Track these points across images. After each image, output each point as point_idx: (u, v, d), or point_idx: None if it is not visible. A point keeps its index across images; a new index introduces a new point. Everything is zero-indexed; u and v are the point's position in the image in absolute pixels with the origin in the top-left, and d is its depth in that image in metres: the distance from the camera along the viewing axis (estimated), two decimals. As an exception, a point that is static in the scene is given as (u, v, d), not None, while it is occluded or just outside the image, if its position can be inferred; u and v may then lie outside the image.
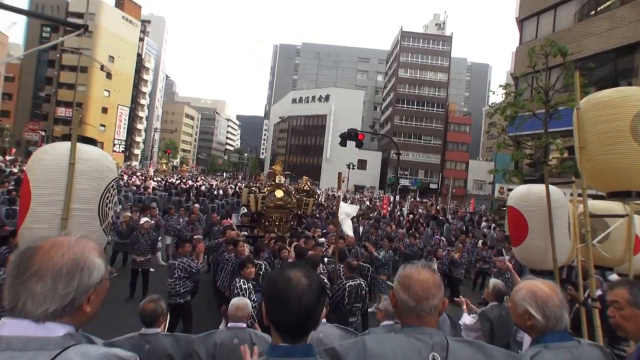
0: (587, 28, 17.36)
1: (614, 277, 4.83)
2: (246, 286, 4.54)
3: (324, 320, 3.36)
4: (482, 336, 3.49)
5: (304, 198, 8.83)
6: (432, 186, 57.23)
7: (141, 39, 65.13)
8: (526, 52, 14.94)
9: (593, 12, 17.74)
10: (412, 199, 41.60)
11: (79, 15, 53.08)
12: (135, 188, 18.32)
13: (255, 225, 8.85)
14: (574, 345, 1.58)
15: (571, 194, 3.90)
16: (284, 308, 1.19)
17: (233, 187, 28.61)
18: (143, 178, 27.47)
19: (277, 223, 8.16)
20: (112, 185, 2.59)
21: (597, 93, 3.14)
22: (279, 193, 8.19)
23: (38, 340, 0.93)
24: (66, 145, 2.39)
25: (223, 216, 10.78)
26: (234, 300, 3.21)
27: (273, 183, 8.56)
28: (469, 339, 1.59)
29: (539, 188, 3.40)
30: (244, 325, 3.05)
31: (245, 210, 14.26)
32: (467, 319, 3.73)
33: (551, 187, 3.34)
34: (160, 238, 9.08)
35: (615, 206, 3.94)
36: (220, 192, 22.41)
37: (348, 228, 5.89)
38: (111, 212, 2.65)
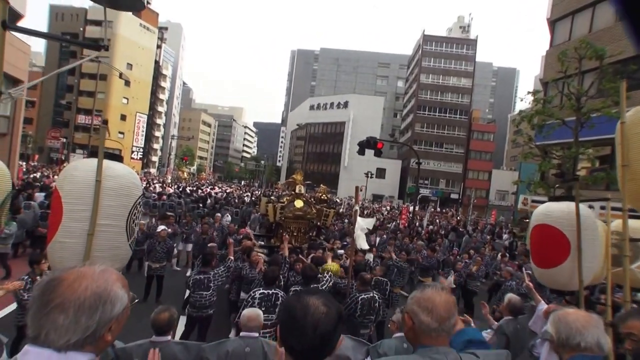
0: None
1: None
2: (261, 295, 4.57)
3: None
4: None
5: (325, 209, 8.55)
6: (453, 196, 55.65)
7: (158, 46, 65.41)
8: (557, 56, 14.04)
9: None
10: (433, 209, 40.31)
11: (98, 23, 53.69)
12: (154, 195, 18.62)
13: (272, 235, 8.65)
14: None
15: (601, 208, 3.82)
16: (298, 334, 1.19)
17: (249, 194, 28.76)
18: (162, 185, 28.04)
19: (294, 234, 7.96)
20: (139, 202, 2.66)
21: None
22: (299, 203, 8.04)
23: None
24: (95, 162, 2.46)
25: (240, 226, 10.82)
26: (246, 311, 3.29)
27: (293, 193, 8.32)
28: (474, 351, 1.61)
29: (582, 207, 3.23)
30: (256, 334, 3.10)
31: (254, 216, 13.97)
32: (483, 334, 3.65)
33: (580, 205, 3.19)
34: (175, 245, 9.28)
35: None
36: (236, 200, 22.40)
37: (363, 242, 5.85)
38: (137, 227, 2.68)
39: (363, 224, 5.77)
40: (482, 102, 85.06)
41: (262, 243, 8.18)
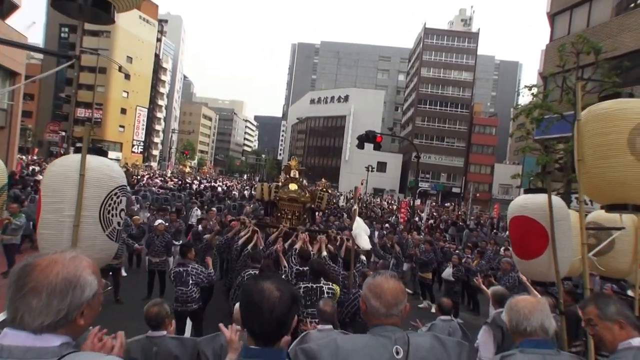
0: (625, 22, 16.16)
1: None
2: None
3: (330, 326, 3.39)
4: (495, 344, 3.55)
5: (319, 192, 8.79)
6: (454, 190, 55.60)
7: (158, 39, 64.91)
8: (556, 50, 13.97)
9: (632, 5, 16.39)
10: (434, 204, 40.33)
11: (97, 15, 53.19)
12: (155, 189, 18.69)
13: (267, 216, 8.89)
14: (550, 353, 1.75)
15: (576, 200, 3.90)
16: (257, 318, 1.30)
17: (249, 189, 28.71)
18: (164, 179, 28.10)
19: (289, 216, 8.15)
20: (115, 193, 2.69)
21: (598, 104, 3.07)
22: (293, 186, 8.34)
23: (36, 350, 1.03)
24: (74, 157, 2.60)
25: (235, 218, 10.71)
26: (238, 305, 2.94)
27: (288, 177, 8.61)
28: (429, 333, 1.75)
29: (555, 199, 3.33)
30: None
31: (246, 209, 14.07)
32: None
33: (553, 197, 3.29)
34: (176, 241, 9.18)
35: (623, 218, 3.76)
36: (235, 193, 22.42)
37: (365, 242, 5.74)
38: (117, 218, 2.73)
39: (363, 225, 5.74)
40: (485, 96, 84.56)
41: (255, 221, 8.17)
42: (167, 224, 9.02)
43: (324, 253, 5.77)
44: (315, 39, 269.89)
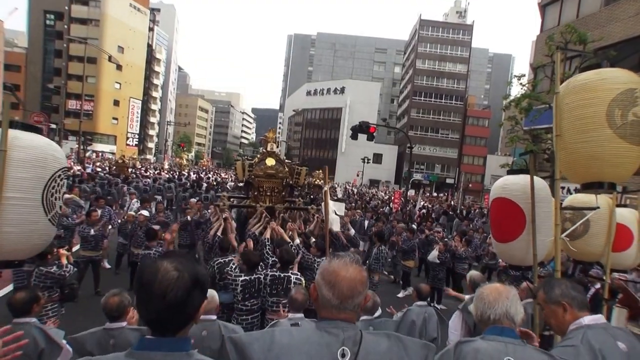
0: (614, 13, 16.28)
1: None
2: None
3: (301, 315, 3.34)
4: (467, 331, 3.42)
5: (296, 167, 8.34)
6: (448, 181, 55.88)
7: (151, 29, 64.04)
8: (544, 40, 14.13)
9: (622, -6, 16.49)
10: (428, 194, 40.29)
11: (84, 2, 51.91)
12: (148, 181, 18.33)
13: (246, 196, 8.47)
14: (513, 342, 1.63)
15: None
16: (147, 302, 1.14)
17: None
18: (158, 172, 27.76)
19: (268, 193, 7.68)
20: (59, 175, 2.52)
21: (577, 75, 2.90)
22: (270, 161, 7.70)
23: None
24: (12, 132, 2.33)
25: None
26: None
27: (265, 151, 7.98)
28: (387, 332, 1.44)
29: (537, 180, 3.21)
30: (214, 317, 3.02)
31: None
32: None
33: (535, 178, 3.17)
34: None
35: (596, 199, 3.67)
36: (231, 184, 21.76)
37: (335, 224, 5.79)
38: (59, 202, 2.58)
39: (334, 207, 5.66)
40: (478, 89, 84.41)
41: (234, 202, 7.92)
42: (147, 214, 8.51)
43: (297, 241, 5.59)
44: (311, 29, 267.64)
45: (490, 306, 1.73)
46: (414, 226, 11.91)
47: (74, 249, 7.85)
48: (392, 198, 22.41)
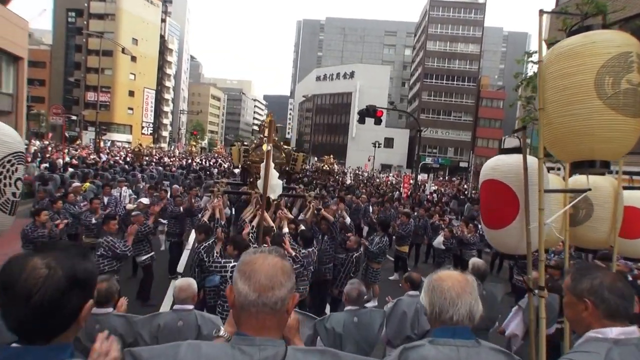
0: None
1: None
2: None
3: None
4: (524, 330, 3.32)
5: (293, 153, 8.06)
6: (462, 164, 54.97)
7: (163, 20, 65.01)
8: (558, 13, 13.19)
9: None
10: (441, 178, 40.23)
11: (102, -1, 53.28)
12: (161, 168, 18.87)
13: (242, 183, 8.32)
14: (466, 344, 1.41)
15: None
16: (8, 303, 0.98)
17: None
18: (171, 160, 28.66)
19: None
20: (9, 160, 2.34)
21: (563, 40, 2.50)
22: (267, 147, 7.51)
23: None
24: None
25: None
26: (177, 282, 3.16)
27: (262, 137, 7.71)
28: (320, 348, 1.27)
29: (531, 159, 2.82)
30: (190, 307, 2.97)
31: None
32: None
33: (529, 157, 2.79)
34: (165, 221, 8.55)
35: (601, 181, 3.32)
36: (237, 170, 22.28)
37: (278, 191, 5.59)
38: (11, 188, 2.39)
39: (275, 173, 5.44)
40: (492, 69, 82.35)
41: (229, 188, 7.70)
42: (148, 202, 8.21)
43: (285, 229, 5.24)
44: (320, 14, 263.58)
45: (453, 304, 1.44)
46: (407, 210, 11.14)
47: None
48: (402, 183, 22.08)
